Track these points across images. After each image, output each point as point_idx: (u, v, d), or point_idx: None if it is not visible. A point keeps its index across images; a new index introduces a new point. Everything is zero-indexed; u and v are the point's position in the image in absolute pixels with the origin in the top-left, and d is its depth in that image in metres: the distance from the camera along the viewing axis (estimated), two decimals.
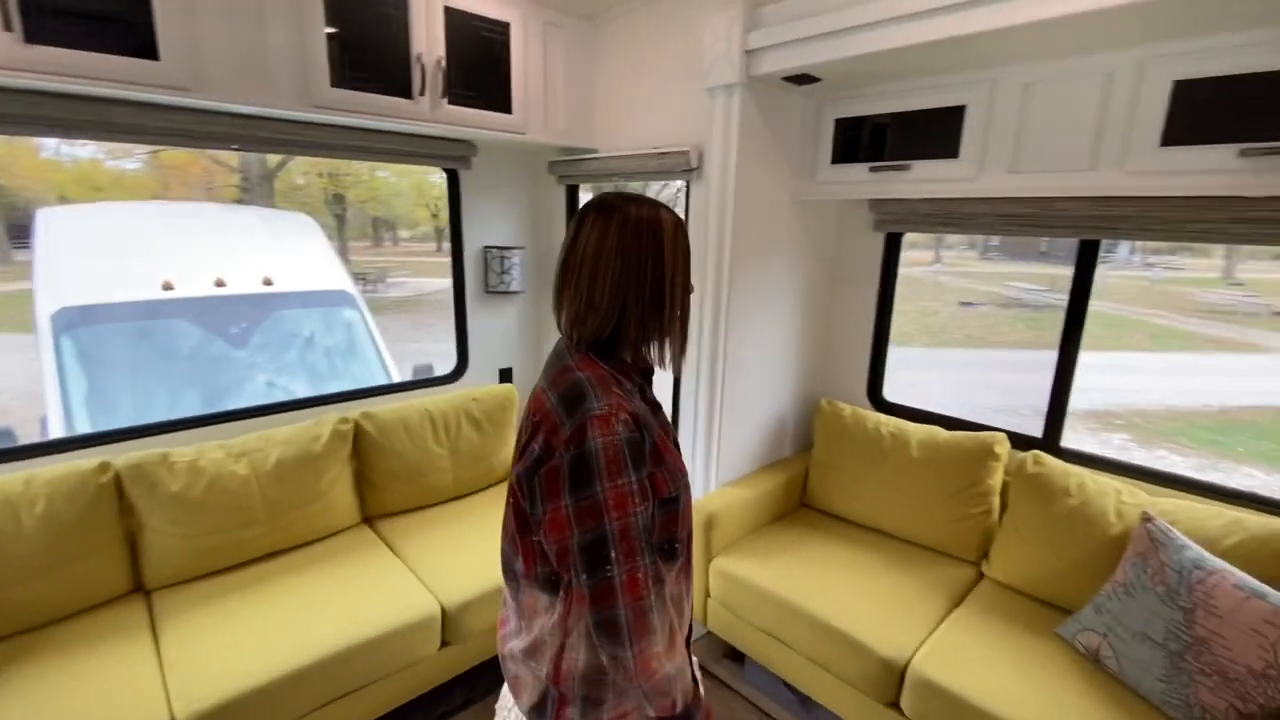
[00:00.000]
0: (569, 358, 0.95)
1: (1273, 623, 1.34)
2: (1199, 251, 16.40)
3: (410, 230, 21.29)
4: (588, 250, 0.92)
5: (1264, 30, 1.36)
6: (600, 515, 0.85)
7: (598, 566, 0.85)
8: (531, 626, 0.98)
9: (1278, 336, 10.19)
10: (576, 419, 0.86)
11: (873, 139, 2.07)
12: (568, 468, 0.86)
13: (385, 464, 2.29)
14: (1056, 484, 1.87)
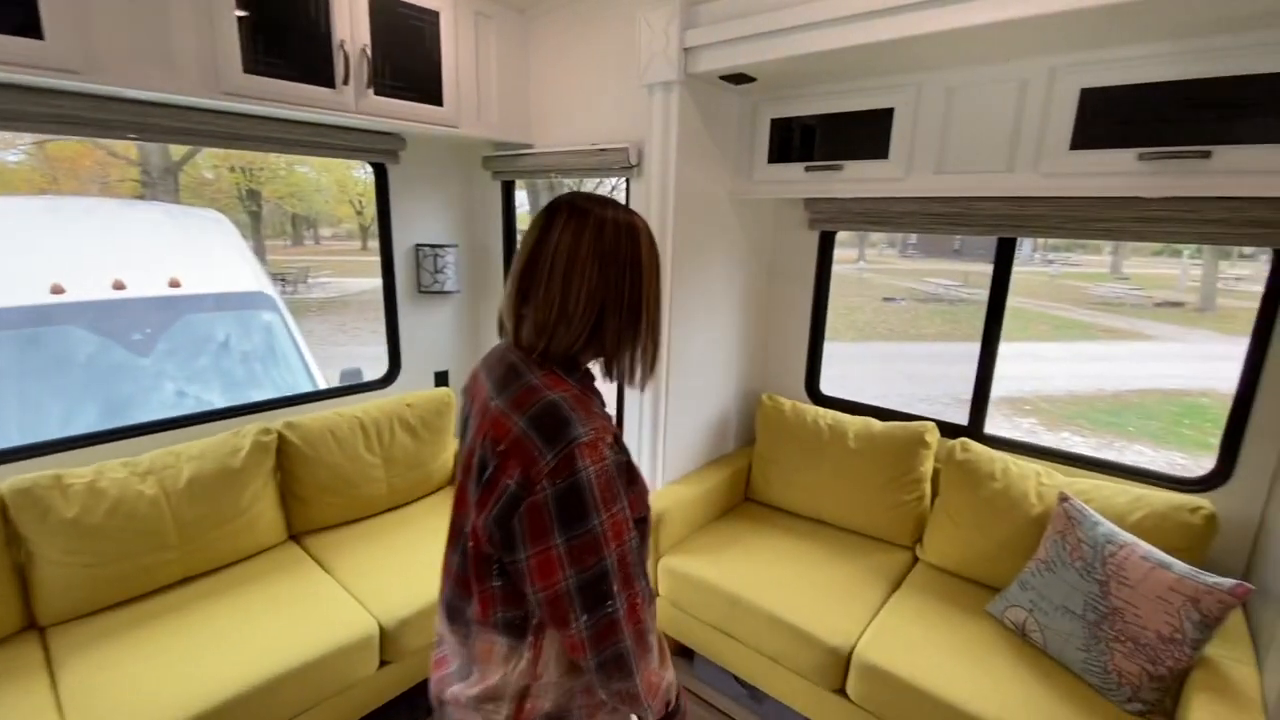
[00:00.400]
0: (529, 374, 0.85)
1: (1176, 590, 1.46)
2: (1091, 249, 17.85)
3: (333, 228, 20.31)
4: (559, 253, 0.84)
5: (1157, 44, 1.47)
6: (600, 550, 0.77)
7: (599, 604, 0.78)
8: (487, 674, 0.88)
9: (1159, 326, 11.22)
10: (561, 448, 0.77)
11: (807, 139, 2.11)
12: (554, 503, 0.76)
13: (313, 476, 2.15)
14: (983, 469, 1.98)
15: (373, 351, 8.94)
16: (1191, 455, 6.09)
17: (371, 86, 1.98)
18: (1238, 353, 1.78)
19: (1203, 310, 11.77)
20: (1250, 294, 10.62)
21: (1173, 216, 1.68)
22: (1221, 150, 1.42)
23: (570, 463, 0.76)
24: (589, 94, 2.32)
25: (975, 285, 13.10)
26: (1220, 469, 1.79)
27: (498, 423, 0.82)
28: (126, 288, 3.11)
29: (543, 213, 0.89)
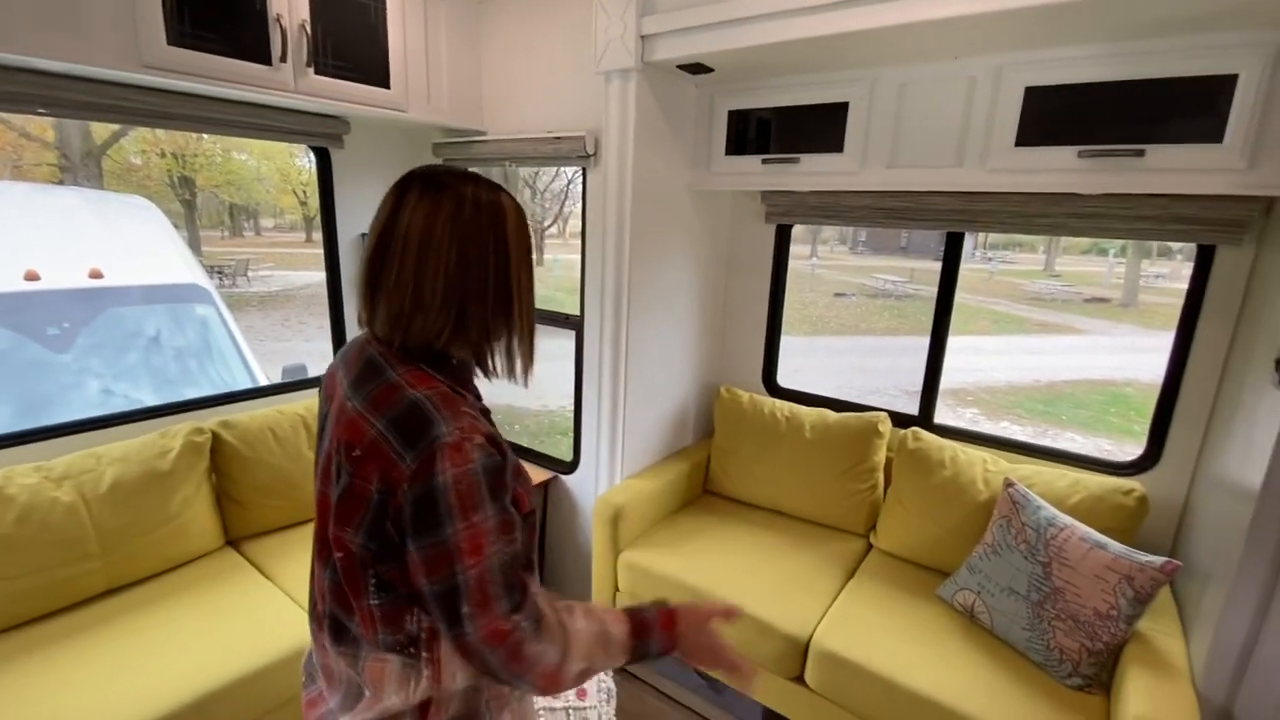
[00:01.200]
0: (390, 370, 0.78)
1: (1113, 568, 1.53)
2: (1027, 246, 18.68)
3: (274, 218, 19.42)
4: (412, 233, 0.76)
5: (1094, 46, 1.53)
6: (451, 563, 0.71)
7: (455, 622, 0.72)
8: (381, 694, 0.80)
9: (1088, 320, 11.87)
10: (421, 450, 0.71)
11: (764, 132, 2.12)
12: (411, 508, 0.71)
13: (252, 478, 2.04)
14: (933, 457, 2.03)
15: (320, 347, 8.60)
16: (1117, 441, 6.47)
17: (312, 65, 1.87)
18: (1158, 345, 1.88)
19: (1126, 305, 12.52)
20: (1168, 290, 11.36)
21: (1108, 213, 1.75)
22: (1153, 149, 1.49)
23: (429, 465, 0.71)
24: (544, 80, 2.27)
25: (921, 281, 13.56)
26: (1149, 453, 1.89)
27: (353, 425, 0.76)
28: (40, 278, 2.88)
29: (394, 188, 0.80)
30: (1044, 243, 16.00)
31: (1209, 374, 1.75)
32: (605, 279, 2.12)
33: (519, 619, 0.73)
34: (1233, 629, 1.32)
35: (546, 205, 13.89)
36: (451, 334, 0.79)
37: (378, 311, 0.80)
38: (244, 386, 3.21)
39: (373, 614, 0.78)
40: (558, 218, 14.37)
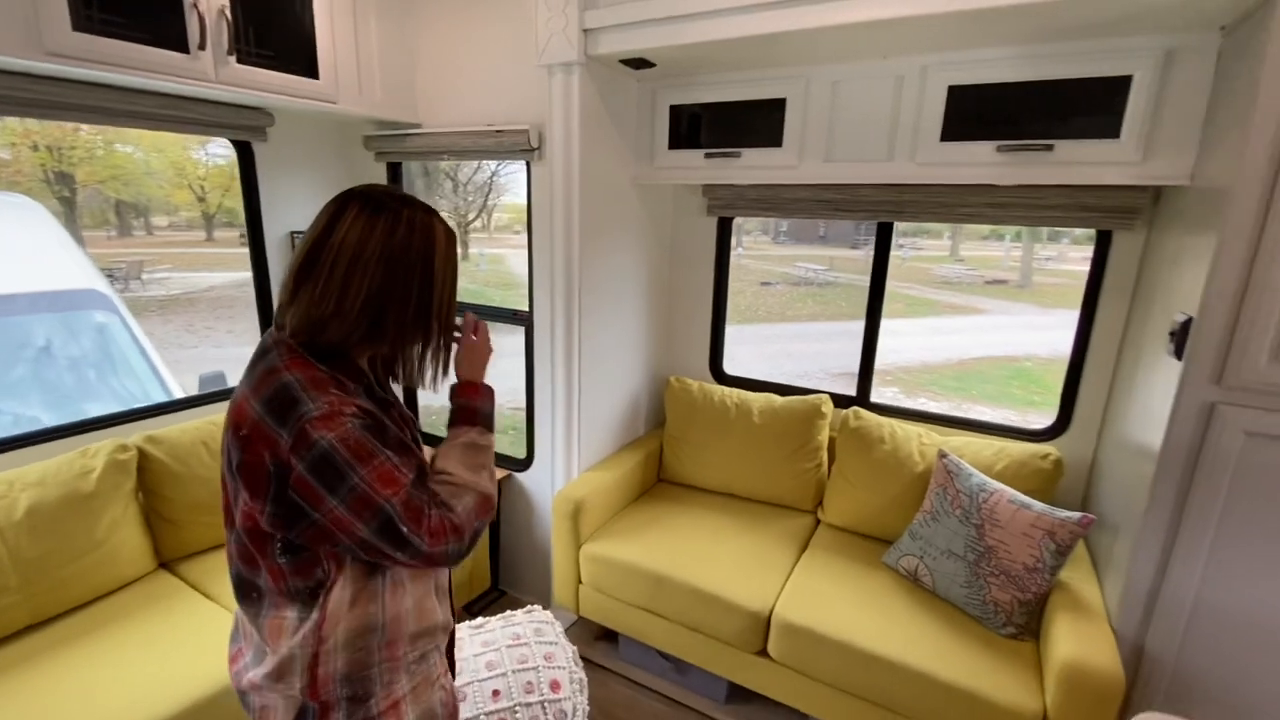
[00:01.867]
0: (274, 356, 0.84)
1: (1037, 526, 1.69)
2: (934, 234, 19.84)
3: (169, 216, 17.88)
4: (345, 247, 0.82)
5: (1009, 48, 1.66)
6: (374, 501, 0.80)
7: (403, 545, 0.82)
8: (277, 648, 0.88)
9: (990, 301, 12.79)
10: (293, 426, 0.78)
11: (706, 127, 2.17)
12: (311, 475, 0.78)
13: (185, 495, 1.91)
14: (873, 434, 2.16)
15: (232, 354, 8.04)
16: (1020, 412, 7.03)
17: (234, 54, 1.76)
18: (1052, 323, 2.08)
19: (1022, 286, 13.57)
20: (1058, 271, 12.40)
21: (1021, 202, 1.92)
22: (1061, 144, 1.64)
23: (305, 437, 0.78)
24: (483, 72, 2.22)
25: (840, 269, 14.19)
26: (1060, 421, 2.09)
27: (239, 408, 0.83)
28: None
29: (333, 202, 0.86)
30: (949, 229, 17.08)
31: (1109, 347, 1.95)
32: (555, 274, 2.12)
33: (439, 511, 0.85)
34: (1141, 573, 1.49)
35: (470, 199, 13.54)
36: (362, 339, 0.87)
37: (294, 309, 0.85)
38: (157, 398, 2.99)
39: (281, 569, 0.86)
40: (482, 211, 14.04)
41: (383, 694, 0.91)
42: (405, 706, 0.93)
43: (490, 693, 1.58)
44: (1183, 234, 1.55)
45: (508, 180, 10.83)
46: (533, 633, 1.77)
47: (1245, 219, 1.26)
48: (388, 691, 0.92)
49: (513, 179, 10.58)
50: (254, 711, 0.94)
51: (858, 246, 14.29)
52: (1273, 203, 1.23)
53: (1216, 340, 1.33)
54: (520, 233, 14.74)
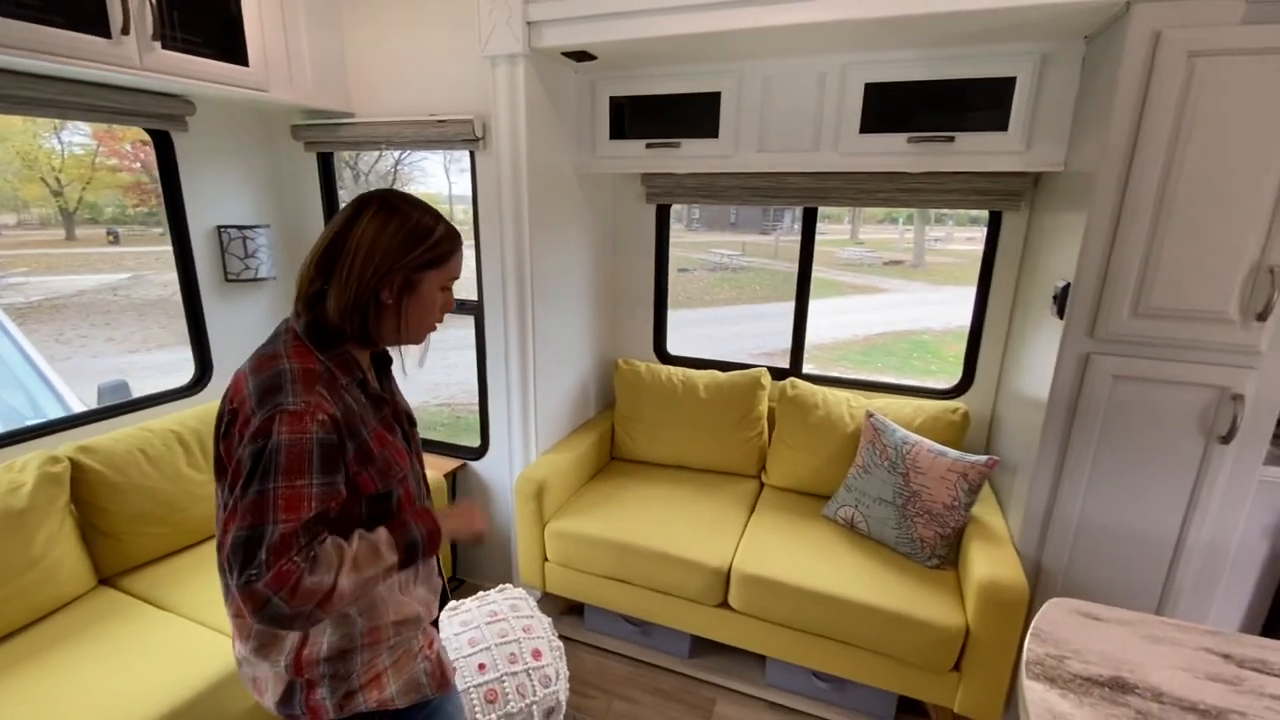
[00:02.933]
0: (280, 343, 0.92)
1: (952, 470, 1.94)
2: (834, 218, 20.91)
3: (17, 213, 15.80)
4: (363, 241, 0.91)
5: (916, 51, 1.88)
6: (265, 514, 0.80)
7: (248, 565, 0.79)
8: (244, 628, 0.97)
9: (889, 280, 13.75)
10: (266, 410, 0.83)
11: (645, 118, 2.27)
12: (247, 459, 0.82)
13: (125, 506, 1.81)
14: (808, 401, 2.37)
15: (113, 364, 7.33)
16: (921, 380, 7.70)
17: (159, 39, 1.67)
18: (943, 298, 2.37)
19: (916, 266, 14.68)
20: (946, 251, 13.51)
21: (927, 188, 2.16)
22: (961, 136, 1.88)
23: (268, 425, 0.82)
24: (422, 62, 2.21)
25: (751, 254, 14.77)
26: (965, 379, 2.39)
27: (237, 382, 0.90)
28: None
29: (356, 201, 0.95)
30: (848, 214, 18.12)
31: (1003, 313, 2.25)
32: (506, 262, 2.16)
33: (299, 560, 0.81)
34: (1036, 503, 1.77)
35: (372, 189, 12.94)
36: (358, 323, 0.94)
37: (325, 300, 0.92)
38: (52, 412, 2.78)
39: None
40: None
41: (364, 669, 0.98)
42: (386, 679, 1.00)
43: (476, 666, 1.64)
44: (1059, 212, 1.83)
45: (412, 170, 10.44)
46: (509, 608, 1.84)
47: (1107, 199, 1.52)
48: (369, 666, 0.98)
49: (418, 168, 10.18)
50: (247, 681, 1.02)
51: (767, 232, 14.91)
52: (1128, 185, 1.50)
53: (1089, 300, 1.60)
54: None
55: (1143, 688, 0.94)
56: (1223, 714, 0.90)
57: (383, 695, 0.99)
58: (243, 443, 0.83)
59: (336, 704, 0.96)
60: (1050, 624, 1.08)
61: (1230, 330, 1.50)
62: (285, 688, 0.96)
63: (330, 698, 0.96)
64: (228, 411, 0.89)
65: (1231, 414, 1.53)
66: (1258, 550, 1.75)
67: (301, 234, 2.61)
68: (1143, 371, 1.59)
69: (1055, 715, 0.88)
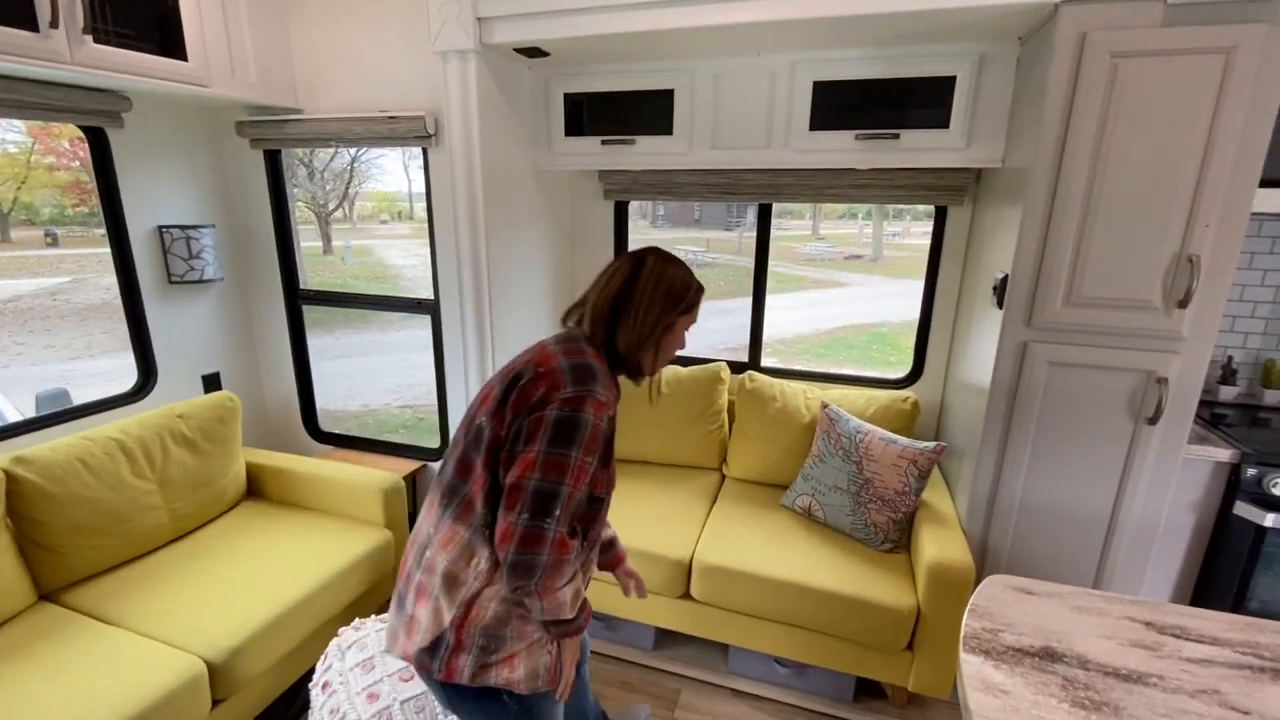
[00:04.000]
0: (583, 343, 1.12)
1: (903, 457, 2.00)
2: (796, 214, 21.24)
3: None
4: (646, 288, 1.13)
5: (862, 50, 1.93)
6: (564, 474, 0.99)
7: (540, 514, 0.98)
8: (441, 558, 1.07)
9: (849, 275, 14.03)
10: (581, 388, 1.02)
11: (600, 114, 2.28)
12: (555, 421, 0.99)
13: (64, 518, 1.75)
14: (766, 394, 2.42)
15: (50, 372, 7.01)
16: (880, 372, 7.90)
17: (90, 32, 1.61)
18: (901, 291, 2.45)
19: (875, 260, 15.01)
20: (903, 245, 13.86)
21: (876, 183, 2.23)
22: (906, 133, 1.94)
23: (580, 401, 1.01)
24: (371, 57, 2.18)
25: (716, 250, 14.91)
26: (915, 370, 2.46)
27: (546, 355, 1.08)
28: None
29: (632, 256, 1.19)
30: (809, 210, 18.43)
31: (949, 305, 2.33)
32: (462, 260, 2.15)
33: (566, 534, 1.02)
34: (982, 486, 1.84)
35: (328, 188, 12.62)
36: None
37: (615, 332, 1.13)
38: None
39: (486, 486, 1.05)
40: (343, 200, 13.14)
41: (507, 648, 1.08)
42: (519, 661, 1.10)
43: None
44: (998, 207, 1.90)
45: (369, 167, 10.20)
46: None
47: (1041, 193, 1.60)
48: (511, 647, 1.08)
49: (375, 165, 9.96)
50: (405, 615, 1.12)
51: (730, 228, 15.04)
52: (1060, 180, 1.57)
53: (1025, 291, 1.67)
54: (388, 222, 13.72)
55: (1070, 656, 0.99)
56: (1143, 677, 0.96)
57: (511, 675, 1.09)
58: (550, 404, 0.99)
59: (473, 672, 1.07)
60: (987, 600, 1.13)
61: (1155, 317, 1.59)
62: (435, 640, 1.07)
63: (470, 665, 1.06)
64: (533, 371, 1.04)
65: (1157, 396, 1.62)
66: (1184, 524, 1.86)
67: (249, 233, 2.54)
68: (1076, 358, 1.67)
69: (989, 686, 0.93)
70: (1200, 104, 1.45)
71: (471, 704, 1.13)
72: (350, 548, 2.03)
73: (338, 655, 1.63)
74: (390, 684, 1.52)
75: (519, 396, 1.03)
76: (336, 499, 2.24)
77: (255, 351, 2.68)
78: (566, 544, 1.01)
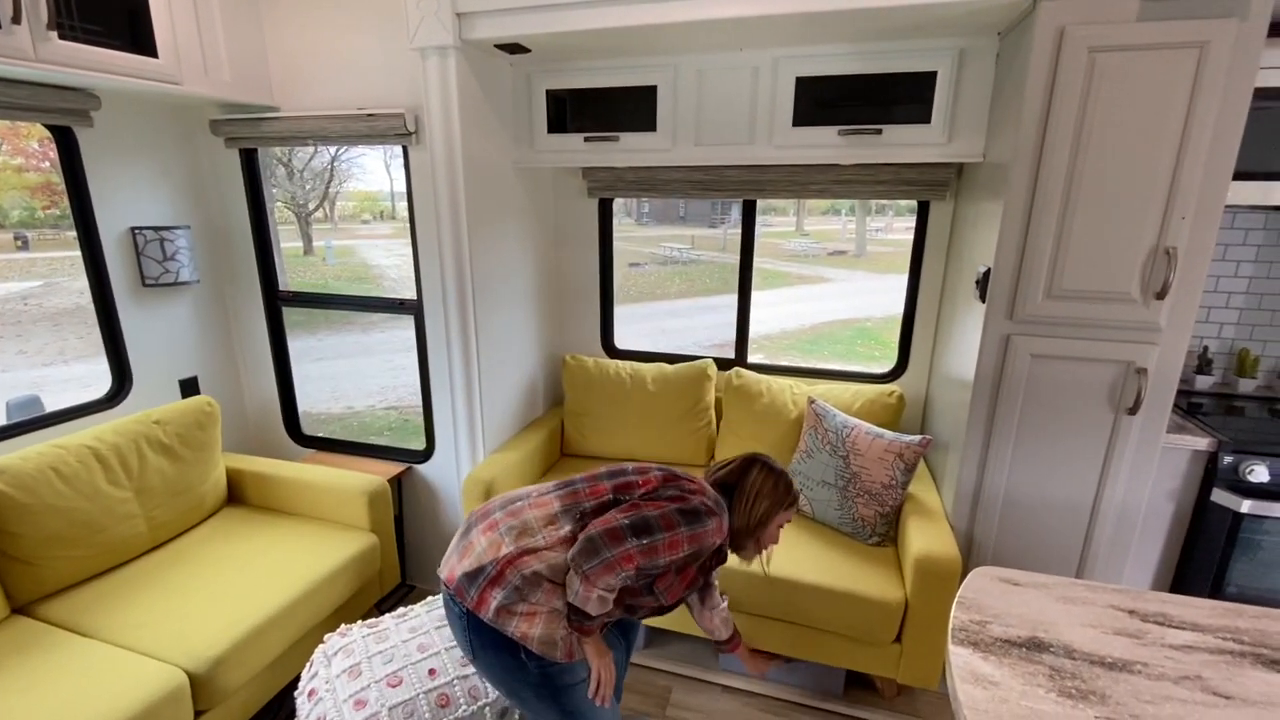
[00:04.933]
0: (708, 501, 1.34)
1: (889, 450, 2.01)
2: (780, 210, 21.37)
3: None
4: (753, 486, 1.41)
5: (844, 45, 1.93)
6: (669, 531, 1.23)
7: (634, 533, 1.20)
8: (535, 511, 1.31)
9: (833, 270, 14.12)
10: (718, 507, 1.33)
11: (582, 111, 2.26)
12: (693, 507, 1.27)
13: (37, 529, 1.70)
14: (753, 390, 2.42)
15: (22, 378, 6.84)
16: (864, 366, 7.98)
17: (55, 28, 1.56)
18: (884, 286, 2.47)
19: (859, 255, 15.12)
20: (887, 241, 13.98)
21: (858, 179, 2.23)
22: (888, 128, 1.94)
23: (712, 514, 1.30)
24: (348, 54, 2.14)
25: (701, 247, 14.94)
26: (900, 364, 2.48)
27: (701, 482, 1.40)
28: None
29: (745, 461, 1.45)
30: (793, 206, 18.53)
31: (933, 299, 2.35)
32: (445, 260, 2.12)
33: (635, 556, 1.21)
34: (967, 478, 1.86)
35: (308, 187, 12.45)
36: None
37: (733, 513, 1.39)
38: None
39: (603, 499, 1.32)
40: (324, 200, 12.98)
41: (533, 604, 1.21)
42: (538, 620, 1.22)
43: (427, 672, 1.61)
44: (980, 201, 1.91)
45: (350, 166, 10.08)
46: None
47: (1021, 187, 1.61)
48: (536, 605, 1.21)
49: (356, 164, 9.83)
50: (465, 540, 1.31)
51: (715, 225, 15.07)
52: (1040, 174, 1.59)
53: (1008, 284, 1.68)
54: (370, 221, 13.54)
55: (1056, 645, 1.00)
56: (1128, 665, 0.97)
57: (529, 631, 1.21)
58: (695, 496, 1.30)
59: (497, 609, 1.20)
60: (974, 592, 1.14)
61: (1133, 309, 1.61)
62: (479, 567, 1.23)
63: (497, 601, 1.20)
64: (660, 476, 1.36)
65: (1137, 387, 1.64)
66: (1164, 512, 1.89)
67: (226, 234, 2.49)
68: (1057, 350, 1.68)
69: (978, 677, 0.93)
70: (1175, 98, 1.47)
71: (490, 652, 1.25)
72: (334, 553, 2.00)
73: (323, 662, 1.60)
74: (378, 690, 1.50)
75: (672, 477, 1.34)
76: (320, 504, 2.20)
77: (234, 355, 2.63)
78: (631, 559, 1.19)
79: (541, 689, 1.27)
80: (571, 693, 1.29)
